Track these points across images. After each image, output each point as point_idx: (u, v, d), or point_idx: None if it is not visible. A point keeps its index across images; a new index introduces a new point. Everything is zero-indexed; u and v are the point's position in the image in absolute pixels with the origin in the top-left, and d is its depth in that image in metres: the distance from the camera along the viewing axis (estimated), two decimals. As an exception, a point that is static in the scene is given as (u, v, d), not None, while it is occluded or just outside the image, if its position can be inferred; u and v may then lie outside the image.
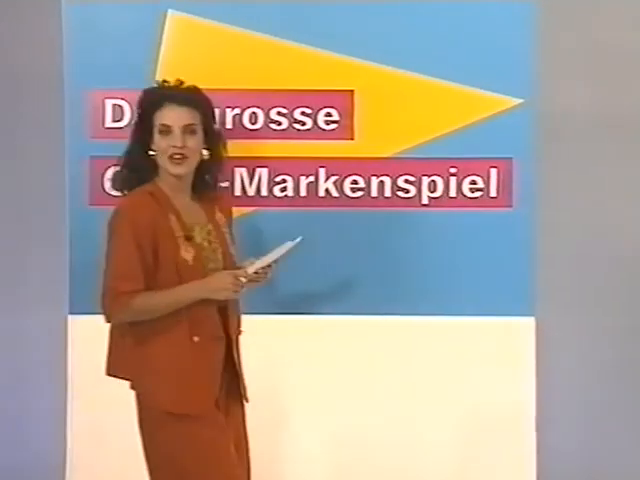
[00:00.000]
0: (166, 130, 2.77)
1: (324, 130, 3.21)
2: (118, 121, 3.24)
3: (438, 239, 3.24)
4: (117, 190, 2.90)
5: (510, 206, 3.28)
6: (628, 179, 3.97)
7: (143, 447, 2.82)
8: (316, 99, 3.21)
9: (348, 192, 3.23)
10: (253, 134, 3.24)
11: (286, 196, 3.26)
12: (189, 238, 2.80)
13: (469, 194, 3.26)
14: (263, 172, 3.25)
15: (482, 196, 3.25)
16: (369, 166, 3.17)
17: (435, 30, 3.23)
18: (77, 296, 3.25)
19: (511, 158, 3.25)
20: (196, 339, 2.78)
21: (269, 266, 2.79)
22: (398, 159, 3.25)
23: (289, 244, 2.79)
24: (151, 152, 2.79)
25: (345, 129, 3.21)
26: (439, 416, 3.36)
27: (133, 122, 2.88)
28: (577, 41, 4.05)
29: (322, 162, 3.22)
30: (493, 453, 3.30)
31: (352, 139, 3.20)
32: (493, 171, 3.26)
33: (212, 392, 2.82)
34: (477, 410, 3.36)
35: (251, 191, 3.25)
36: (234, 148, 3.23)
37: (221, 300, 2.76)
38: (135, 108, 2.89)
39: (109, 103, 3.24)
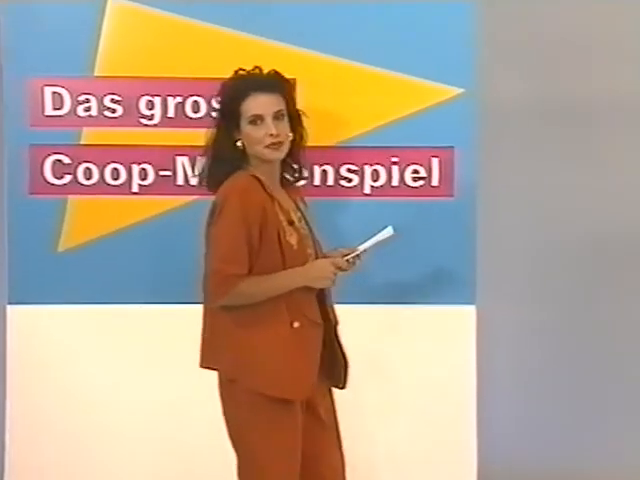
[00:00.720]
0: (258, 120, 2.75)
1: (269, 119, 3.22)
2: (58, 109, 3.21)
3: (380, 228, 3.26)
4: (208, 187, 2.84)
5: (452, 195, 3.30)
6: (568, 168, 4.02)
7: (232, 435, 2.82)
8: (258, 88, 3.21)
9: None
10: (195, 123, 3.21)
11: (228, 185, 3.26)
12: (291, 222, 2.81)
13: (411, 183, 3.28)
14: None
15: (424, 185, 3.27)
16: (312, 155, 3.12)
17: (378, 20, 3.24)
18: (16, 286, 3.21)
19: (452, 147, 3.28)
20: (296, 325, 2.79)
21: (358, 256, 2.81)
22: (341, 148, 3.26)
23: (381, 235, 2.79)
24: (238, 142, 2.77)
25: (289, 118, 3.21)
26: (378, 406, 3.39)
27: (215, 115, 2.83)
28: (517, 33, 4.09)
29: (264, 151, 3.22)
30: (434, 442, 3.33)
31: (294, 128, 3.20)
32: (435, 160, 3.28)
33: (311, 378, 2.83)
34: (418, 399, 3.40)
35: (193, 180, 3.23)
36: (176, 137, 3.26)
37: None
38: (217, 100, 2.84)
39: (48, 91, 3.20)
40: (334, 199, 3.27)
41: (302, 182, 2.97)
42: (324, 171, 3.25)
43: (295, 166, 2.87)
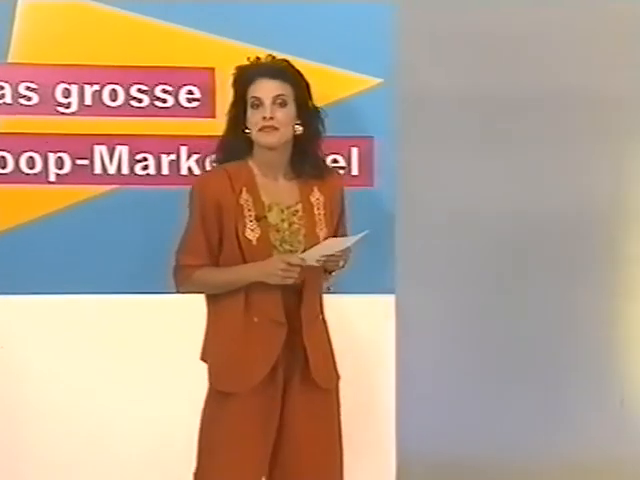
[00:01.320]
0: (257, 103, 2.77)
1: (185, 108, 3.18)
2: (-30, 99, 3.16)
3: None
4: None
5: (371, 184, 3.32)
6: (486, 158, 4.09)
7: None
8: (177, 76, 3.18)
9: (210, 170, 3.22)
10: (113, 111, 3.18)
11: (148, 174, 3.22)
12: (259, 218, 2.80)
13: (331, 173, 3.30)
14: (124, 150, 3.20)
15: (344, 175, 3.27)
16: None
17: (297, 9, 3.25)
18: None
19: (372, 137, 3.29)
20: (256, 320, 2.81)
21: (335, 255, 2.79)
22: (260, 137, 3.25)
23: (356, 237, 2.79)
24: (247, 130, 2.79)
25: (206, 107, 3.18)
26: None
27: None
28: (436, 24, 4.15)
29: (183, 140, 3.19)
30: (352, 431, 3.36)
31: (214, 117, 3.17)
32: (354, 150, 3.29)
33: (258, 374, 2.81)
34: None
35: (112, 169, 3.19)
36: (94, 125, 3.21)
37: (288, 284, 2.77)
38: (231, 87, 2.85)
39: (-41, 80, 3.15)
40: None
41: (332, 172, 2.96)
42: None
43: (312, 159, 2.84)
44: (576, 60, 4.25)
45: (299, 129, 2.79)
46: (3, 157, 3.17)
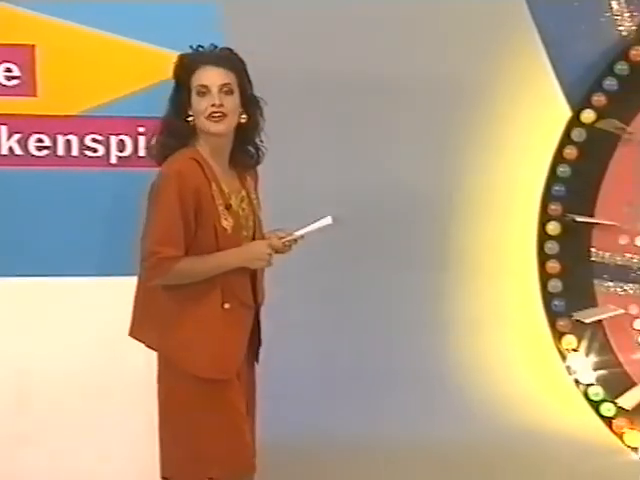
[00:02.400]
0: (204, 91, 2.84)
1: (5, 86, 3.14)
2: None
3: (128, 199, 3.27)
4: (155, 159, 2.90)
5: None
6: (330, 141, 4.15)
7: (160, 399, 2.95)
8: (-5, 53, 3.16)
9: (33, 151, 3.18)
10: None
11: (-33, 154, 3.20)
12: (228, 207, 2.89)
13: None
14: (-58, 130, 3.17)
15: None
16: (54, 124, 3.14)
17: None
18: None
19: (199, 117, 3.33)
20: (227, 306, 2.89)
21: (295, 240, 2.95)
22: (85, 117, 3.23)
23: (319, 223, 2.90)
24: (189, 117, 2.85)
25: (27, 85, 3.14)
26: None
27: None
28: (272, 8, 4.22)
29: (3, 119, 3.15)
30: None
31: (35, 96, 3.14)
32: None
33: (238, 358, 2.97)
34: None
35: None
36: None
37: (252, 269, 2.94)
38: (172, 74, 2.90)
39: None
40: (79, 169, 3.24)
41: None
42: (68, 141, 3.21)
43: (250, 149, 2.96)
44: (414, 47, 4.39)
45: (244, 117, 2.88)
46: None
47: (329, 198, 4.17)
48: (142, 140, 3.26)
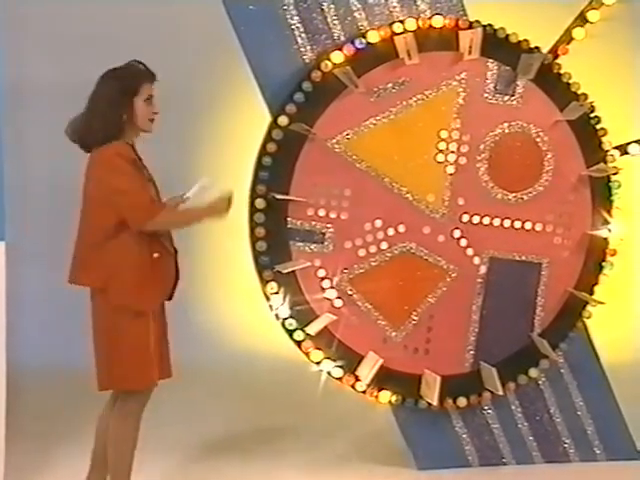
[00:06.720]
0: (149, 100, 3.58)
1: None
2: None
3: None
4: (82, 145, 3.52)
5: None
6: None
7: (95, 330, 3.54)
8: None
9: None
10: None
11: None
12: (150, 179, 3.61)
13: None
14: None
15: None
16: None
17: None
18: None
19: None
20: (156, 255, 3.55)
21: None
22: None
23: (200, 182, 3.67)
24: (124, 116, 3.51)
25: None
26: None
27: (111, 89, 3.48)
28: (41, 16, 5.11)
29: None
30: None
31: None
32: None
33: (164, 295, 3.63)
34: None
35: None
36: None
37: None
38: (118, 76, 3.52)
39: None
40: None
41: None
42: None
43: None
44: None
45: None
46: None
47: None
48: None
